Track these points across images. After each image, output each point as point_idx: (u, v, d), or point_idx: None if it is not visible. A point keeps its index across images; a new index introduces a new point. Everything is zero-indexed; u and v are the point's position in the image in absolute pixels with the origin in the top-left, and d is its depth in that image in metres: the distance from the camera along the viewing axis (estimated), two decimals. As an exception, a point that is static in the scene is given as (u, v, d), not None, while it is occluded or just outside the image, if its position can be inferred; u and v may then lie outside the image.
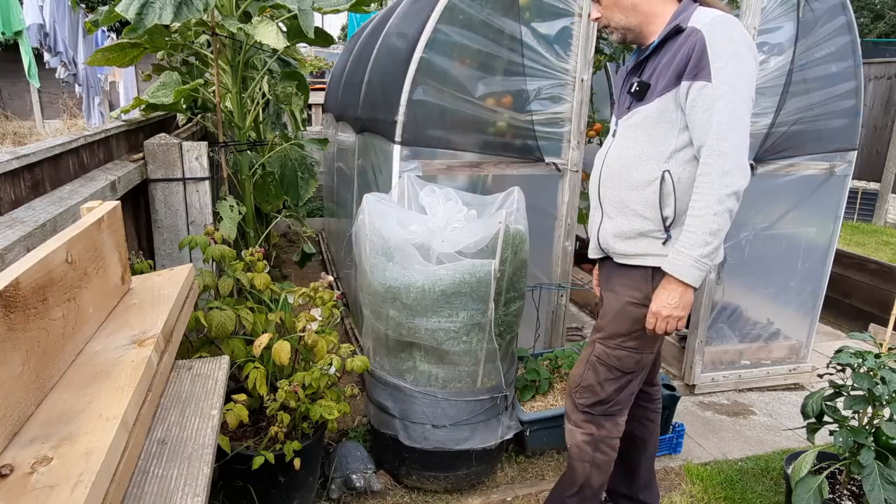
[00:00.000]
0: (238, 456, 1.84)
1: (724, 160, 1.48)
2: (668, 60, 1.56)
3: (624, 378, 1.77)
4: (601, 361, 1.78)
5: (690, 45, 1.50)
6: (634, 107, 1.64)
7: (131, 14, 2.16)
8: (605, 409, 1.80)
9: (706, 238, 1.50)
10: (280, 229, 5.40)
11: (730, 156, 1.48)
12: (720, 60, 1.47)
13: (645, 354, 1.76)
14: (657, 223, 1.62)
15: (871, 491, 1.78)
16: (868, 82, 7.36)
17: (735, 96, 1.48)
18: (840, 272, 4.28)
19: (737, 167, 1.48)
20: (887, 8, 14.71)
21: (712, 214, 1.49)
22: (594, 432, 1.82)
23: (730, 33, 1.49)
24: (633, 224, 1.66)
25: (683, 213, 1.59)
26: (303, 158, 3.18)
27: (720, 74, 1.47)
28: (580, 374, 1.83)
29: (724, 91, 1.47)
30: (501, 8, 2.36)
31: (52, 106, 11.58)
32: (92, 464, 0.87)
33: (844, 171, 2.97)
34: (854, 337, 2.06)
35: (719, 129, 1.47)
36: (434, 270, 1.95)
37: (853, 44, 2.79)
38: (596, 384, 1.79)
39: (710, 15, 1.52)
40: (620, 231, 1.69)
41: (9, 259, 1.29)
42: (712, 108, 1.48)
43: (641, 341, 1.73)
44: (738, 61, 1.48)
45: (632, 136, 1.65)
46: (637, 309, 1.69)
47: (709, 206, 1.49)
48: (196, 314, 1.88)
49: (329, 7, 2.79)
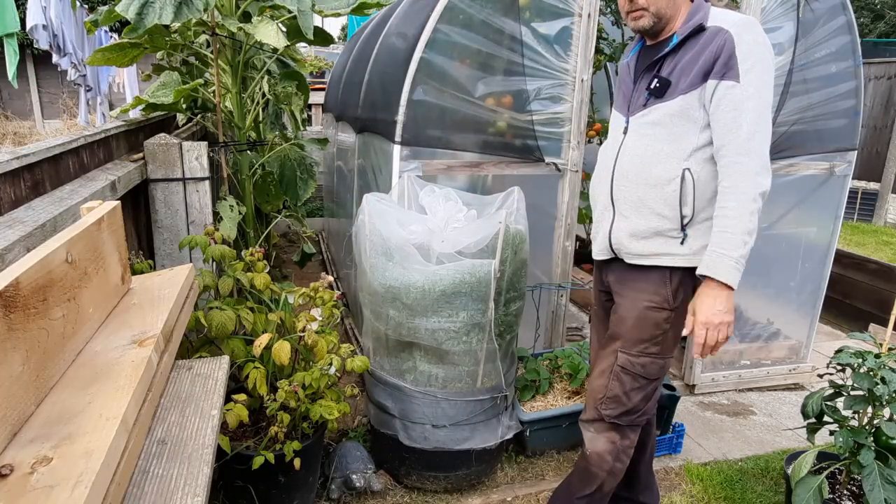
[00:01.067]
0: (238, 456, 1.84)
1: (754, 160, 1.48)
2: (691, 58, 1.56)
3: (650, 386, 1.75)
4: (626, 371, 1.73)
5: (718, 45, 1.51)
6: (653, 104, 1.63)
7: (131, 14, 2.16)
8: (632, 420, 1.77)
9: (744, 238, 1.50)
10: (280, 229, 5.39)
11: (760, 156, 1.49)
12: (748, 62, 1.49)
13: (668, 359, 1.73)
14: (675, 222, 1.61)
15: (871, 491, 1.78)
16: (868, 82, 7.36)
17: (761, 99, 1.50)
18: (840, 272, 4.28)
19: (765, 168, 1.50)
20: (887, 8, 14.71)
21: (748, 214, 1.49)
22: (618, 441, 1.80)
23: (755, 36, 1.51)
24: (651, 223, 1.64)
25: (701, 212, 1.59)
26: (302, 158, 3.18)
27: (748, 76, 1.49)
28: (604, 386, 1.77)
29: (751, 93, 1.49)
30: (501, 8, 2.36)
31: (52, 106, 11.58)
32: (92, 464, 0.87)
33: (844, 171, 2.97)
34: (854, 337, 2.06)
35: (749, 128, 1.48)
36: (434, 270, 1.95)
37: (853, 44, 2.79)
38: (622, 394, 1.74)
39: (734, 16, 1.54)
40: (636, 230, 1.66)
41: (9, 259, 1.29)
42: (740, 108, 1.49)
43: (664, 346, 1.70)
44: (763, 65, 1.50)
45: (650, 134, 1.63)
46: (656, 313, 1.67)
47: (744, 205, 1.49)
48: (196, 314, 1.88)
49: (330, 10, 2.79)
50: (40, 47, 5.71)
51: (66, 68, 6.04)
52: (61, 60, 5.87)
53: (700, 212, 1.60)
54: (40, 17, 5.38)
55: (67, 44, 5.73)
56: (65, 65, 5.96)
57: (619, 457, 1.81)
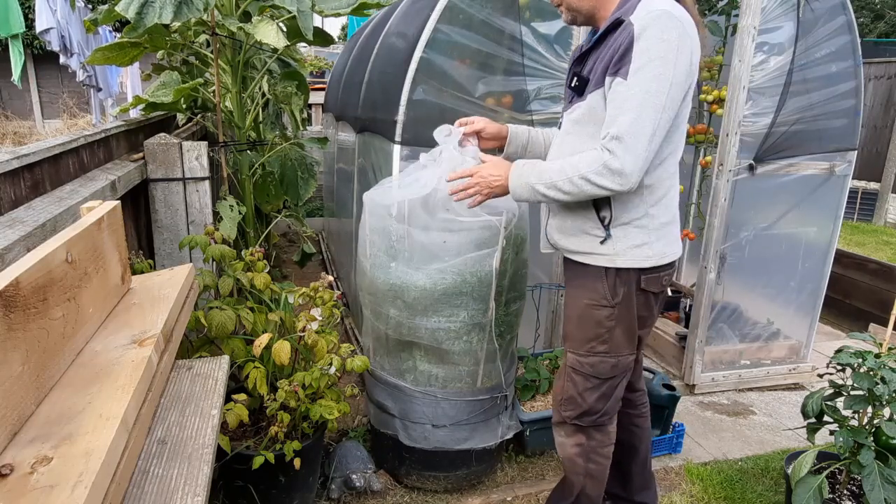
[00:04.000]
0: (238, 456, 1.84)
1: (613, 160, 1.42)
2: (603, 55, 1.49)
3: (605, 385, 1.71)
4: (576, 371, 1.72)
5: (621, 41, 1.42)
6: (575, 101, 1.60)
7: (131, 13, 2.16)
8: (592, 420, 1.75)
9: (547, 185, 1.52)
10: (280, 229, 5.40)
11: (619, 158, 1.41)
12: (642, 59, 1.38)
13: (621, 357, 1.69)
14: (595, 221, 1.60)
15: (871, 491, 1.78)
16: (868, 82, 7.36)
17: (647, 103, 1.39)
18: (840, 272, 4.28)
19: (617, 174, 1.43)
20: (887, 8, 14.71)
21: (568, 179, 1.48)
22: (584, 443, 1.78)
23: (661, 33, 1.38)
24: (576, 221, 1.64)
25: (623, 213, 1.57)
26: (303, 158, 3.18)
27: (636, 75, 1.39)
28: (561, 387, 1.78)
29: (634, 92, 1.39)
30: (501, 8, 2.36)
31: (52, 106, 11.59)
32: (92, 463, 0.87)
33: (844, 170, 2.97)
34: (854, 337, 2.06)
35: (621, 129, 1.40)
36: (434, 272, 1.95)
37: (853, 43, 2.79)
38: (577, 395, 1.73)
39: (650, 8, 1.41)
40: (563, 227, 1.68)
41: (9, 259, 1.29)
42: (621, 108, 1.41)
43: (611, 344, 1.67)
44: (660, 64, 1.38)
45: (573, 132, 1.61)
46: (597, 311, 1.65)
47: (576, 172, 1.47)
48: (196, 314, 1.88)
49: (330, 10, 2.79)
50: (52, 48, 5.71)
51: (76, 69, 6.05)
52: (70, 61, 5.87)
53: (622, 213, 1.57)
54: (51, 20, 5.38)
55: (74, 44, 5.74)
56: (73, 65, 5.96)
57: (591, 458, 1.79)
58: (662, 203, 1.59)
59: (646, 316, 1.69)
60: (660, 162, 1.54)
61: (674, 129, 1.52)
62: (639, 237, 1.58)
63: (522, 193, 1.59)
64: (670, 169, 1.58)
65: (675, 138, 1.55)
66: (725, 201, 2.81)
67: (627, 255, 1.59)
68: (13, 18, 5.38)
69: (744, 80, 2.66)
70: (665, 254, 1.62)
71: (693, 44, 1.43)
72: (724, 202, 2.81)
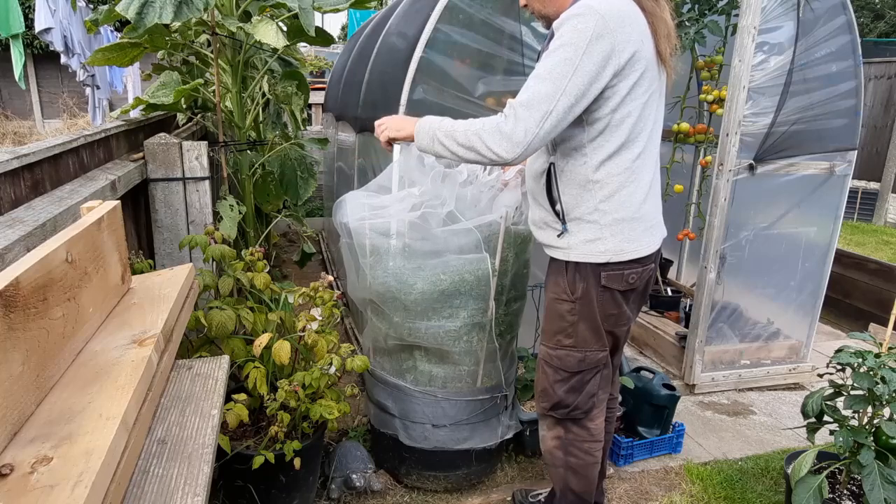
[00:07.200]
0: (238, 455, 1.84)
1: (505, 123, 1.45)
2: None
3: (573, 378, 1.72)
4: (546, 363, 1.76)
5: (550, 35, 1.51)
6: None
7: (131, 13, 2.16)
8: (565, 413, 1.77)
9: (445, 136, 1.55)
10: (280, 229, 5.40)
11: (511, 123, 1.44)
12: (553, 45, 1.44)
13: (588, 353, 1.69)
14: (552, 214, 1.64)
15: (870, 490, 1.78)
16: (868, 82, 7.36)
17: (551, 86, 1.42)
18: (840, 272, 4.28)
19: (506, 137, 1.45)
20: (887, 8, 14.71)
21: (464, 131, 1.51)
22: (562, 436, 1.81)
23: (576, 23, 1.42)
24: (541, 213, 1.69)
25: (575, 207, 1.59)
26: (302, 158, 3.18)
27: (547, 58, 1.44)
28: (537, 379, 1.83)
29: (539, 72, 1.45)
30: (501, 8, 2.36)
31: (52, 106, 11.59)
32: (92, 463, 0.87)
33: (844, 170, 2.97)
34: (854, 336, 2.06)
35: (520, 99, 1.44)
36: (436, 271, 1.95)
37: (853, 43, 2.79)
38: (548, 387, 1.77)
39: (579, 3, 1.46)
40: (533, 219, 1.75)
41: (9, 259, 1.29)
42: (528, 84, 1.46)
43: (577, 338, 1.67)
44: (570, 50, 1.41)
45: None
46: (560, 304, 1.67)
47: (473, 127, 1.50)
48: (196, 314, 1.88)
49: (329, 6, 2.79)
50: (55, 48, 5.71)
51: (76, 69, 6.05)
52: (70, 61, 5.87)
53: (573, 207, 1.59)
54: (49, 20, 5.39)
55: (75, 44, 5.74)
56: (74, 65, 5.97)
57: (570, 450, 1.81)
58: (615, 199, 1.57)
59: (615, 314, 1.67)
60: (607, 156, 1.54)
61: (619, 122, 1.50)
62: (591, 232, 1.59)
63: (423, 139, 1.62)
64: (623, 164, 1.55)
65: (623, 132, 1.52)
66: (725, 201, 2.81)
67: (580, 250, 1.61)
68: (13, 18, 5.38)
69: (744, 80, 2.66)
70: (623, 250, 1.59)
71: (619, 38, 1.42)
72: (724, 202, 2.81)
